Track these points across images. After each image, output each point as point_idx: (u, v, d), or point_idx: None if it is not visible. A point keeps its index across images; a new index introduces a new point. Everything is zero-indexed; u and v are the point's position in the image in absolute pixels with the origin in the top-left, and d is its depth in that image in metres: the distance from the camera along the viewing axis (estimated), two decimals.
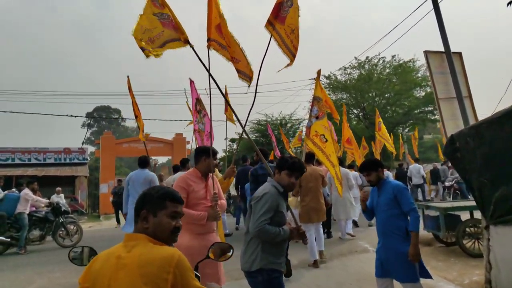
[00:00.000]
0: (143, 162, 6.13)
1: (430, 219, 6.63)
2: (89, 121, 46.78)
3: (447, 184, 12.76)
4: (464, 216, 6.27)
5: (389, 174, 9.75)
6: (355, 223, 8.83)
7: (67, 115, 31.26)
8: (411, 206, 3.09)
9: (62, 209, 8.92)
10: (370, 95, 20.75)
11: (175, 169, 7.95)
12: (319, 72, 7.45)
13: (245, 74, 3.66)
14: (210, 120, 4.99)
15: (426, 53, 4.45)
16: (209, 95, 3.61)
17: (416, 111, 20.13)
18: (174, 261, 1.33)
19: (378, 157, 10.77)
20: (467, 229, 5.98)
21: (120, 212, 13.64)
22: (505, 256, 3.78)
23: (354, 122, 21.38)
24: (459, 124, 4.54)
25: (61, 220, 8.89)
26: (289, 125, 19.96)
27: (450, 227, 6.19)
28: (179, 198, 1.55)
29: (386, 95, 20.59)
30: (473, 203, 6.61)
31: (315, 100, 6.92)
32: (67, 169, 21.90)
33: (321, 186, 6.22)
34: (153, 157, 12.58)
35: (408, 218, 3.13)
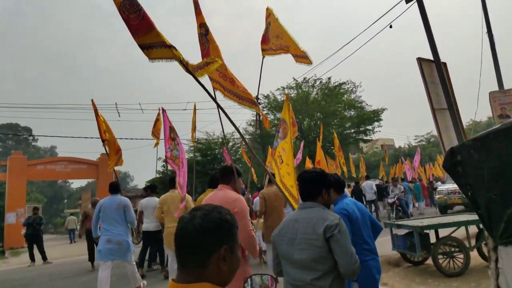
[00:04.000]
0: (115, 188, 5.95)
1: (400, 239, 6.35)
2: None
3: (389, 200, 13.17)
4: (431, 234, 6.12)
5: (346, 192, 9.67)
6: None
7: None
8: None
9: None
10: (306, 115, 21.16)
11: (152, 189, 7.69)
12: (287, 96, 7.95)
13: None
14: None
15: (420, 60, 4.16)
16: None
17: (350, 131, 20.99)
18: None
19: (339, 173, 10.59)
20: (442, 248, 5.80)
21: (35, 246, 11.41)
22: None
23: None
24: (452, 136, 4.29)
25: None
26: (231, 143, 19.25)
27: (422, 246, 5.97)
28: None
29: (321, 116, 21.18)
30: (451, 220, 6.61)
31: (281, 122, 7.22)
32: None
33: (283, 206, 5.97)
34: None
35: None
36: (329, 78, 21.46)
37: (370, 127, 20.95)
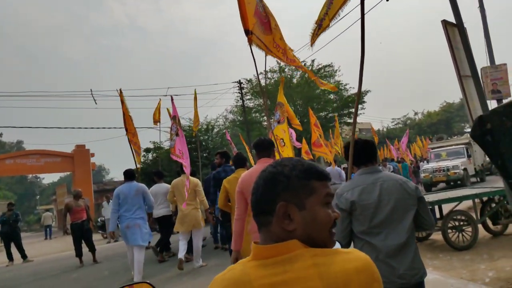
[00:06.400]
0: (132, 174, 6.10)
1: None
2: None
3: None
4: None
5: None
6: None
7: None
8: None
9: None
10: (290, 99, 20.89)
11: (159, 176, 7.80)
12: (282, 79, 8.04)
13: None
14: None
15: (445, 23, 3.91)
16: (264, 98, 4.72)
17: (334, 114, 20.93)
18: (375, 272, 0.81)
19: (331, 158, 10.38)
20: (451, 222, 5.74)
21: (12, 245, 10.66)
22: None
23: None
24: (476, 105, 4.11)
25: None
26: (215, 130, 18.75)
27: None
28: (327, 174, 0.93)
29: (304, 100, 20.99)
30: (455, 194, 6.55)
31: (278, 105, 7.56)
32: None
33: None
34: None
35: None
36: (313, 61, 21.25)
37: (353, 110, 20.98)
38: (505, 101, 5.94)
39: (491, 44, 8.78)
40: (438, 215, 6.43)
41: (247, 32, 3.58)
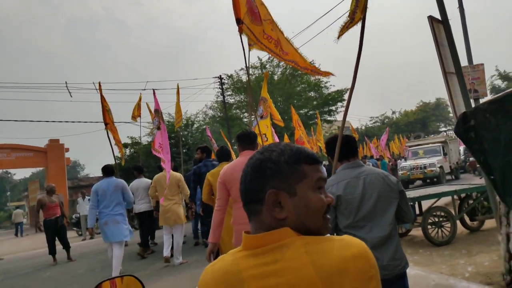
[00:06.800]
0: (111, 170, 5.97)
1: None
2: None
3: None
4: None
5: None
6: None
7: None
8: None
9: None
10: (271, 96, 20.86)
11: (139, 171, 7.71)
12: (266, 74, 8.22)
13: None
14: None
15: (431, 19, 3.91)
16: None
17: (315, 112, 21.05)
18: (371, 259, 0.77)
19: None
20: (431, 218, 5.83)
21: None
22: None
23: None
24: (460, 101, 4.15)
25: None
26: (195, 125, 18.47)
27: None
28: (317, 157, 0.87)
29: (285, 97, 21.01)
30: (435, 191, 6.66)
31: (262, 100, 7.58)
32: None
33: None
34: None
35: None
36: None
37: (333, 108, 21.20)
38: (482, 100, 6.08)
39: (469, 44, 8.98)
40: (417, 211, 6.54)
41: (238, 21, 3.51)
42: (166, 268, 6.01)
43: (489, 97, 6.22)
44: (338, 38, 3.15)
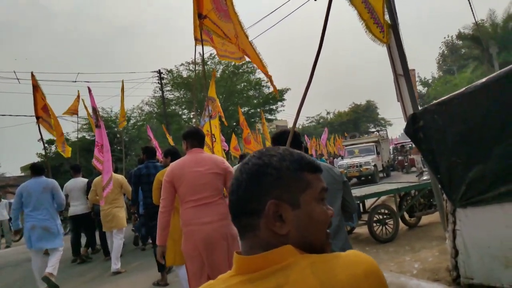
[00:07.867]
0: (40, 169, 5.41)
1: None
2: None
3: None
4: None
5: None
6: None
7: None
8: None
9: None
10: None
11: (75, 170, 7.19)
12: (214, 73, 8.10)
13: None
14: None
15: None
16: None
17: (256, 110, 21.14)
18: (382, 275, 0.71)
19: None
20: (376, 216, 6.02)
21: None
22: (476, 239, 3.59)
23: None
24: (408, 103, 4.28)
25: None
26: (132, 121, 17.27)
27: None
28: (319, 165, 0.80)
29: (226, 95, 20.79)
30: (379, 189, 6.88)
31: (210, 100, 7.30)
32: None
33: None
34: None
35: None
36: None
37: (274, 107, 21.49)
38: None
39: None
40: (361, 209, 6.73)
41: (200, 16, 3.66)
42: (107, 274, 5.64)
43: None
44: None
